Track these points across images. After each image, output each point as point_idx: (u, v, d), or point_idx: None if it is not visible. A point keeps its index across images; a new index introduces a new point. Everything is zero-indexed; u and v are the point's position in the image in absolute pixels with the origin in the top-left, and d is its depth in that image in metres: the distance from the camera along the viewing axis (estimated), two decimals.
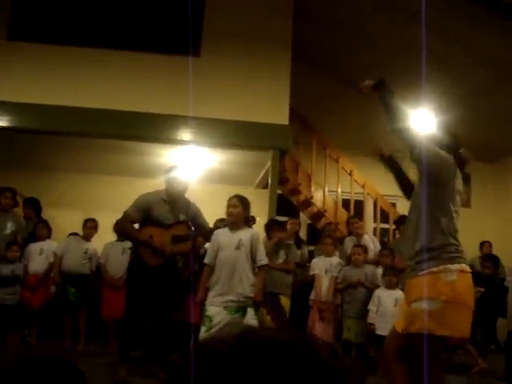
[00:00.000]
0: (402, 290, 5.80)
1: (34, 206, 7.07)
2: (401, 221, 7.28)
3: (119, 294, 5.84)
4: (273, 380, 0.57)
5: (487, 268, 6.30)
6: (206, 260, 4.68)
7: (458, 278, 3.13)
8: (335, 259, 6.30)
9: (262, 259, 4.62)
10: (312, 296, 6.17)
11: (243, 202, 4.67)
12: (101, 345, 6.36)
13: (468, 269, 3.24)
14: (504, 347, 6.11)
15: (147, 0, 7.53)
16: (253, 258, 4.58)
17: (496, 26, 7.12)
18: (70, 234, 6.94)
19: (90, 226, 6.63)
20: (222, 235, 4.67)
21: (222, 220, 6.20)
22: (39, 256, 6.47)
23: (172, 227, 5.04)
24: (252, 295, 4.50)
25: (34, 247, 6.50)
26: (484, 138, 9.33)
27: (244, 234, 4.59)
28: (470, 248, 6.70)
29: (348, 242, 7.01)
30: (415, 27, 6.31)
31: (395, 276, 5.72)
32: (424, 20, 5.86)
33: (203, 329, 4.41)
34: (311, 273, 6.27)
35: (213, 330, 4.31)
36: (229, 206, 4.66)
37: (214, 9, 7.41)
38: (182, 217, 5.14)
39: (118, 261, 6.19)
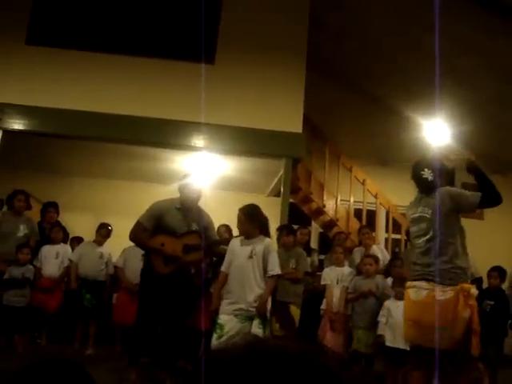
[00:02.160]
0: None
1: (55, 209, 7.11)
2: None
3: (134, 300, 5.87)
4: None
5: (493, 278, 6.26)
6: (222, 268, 4.70)
7: None
8: (346, 269, 6.27)
9: (274, 269, 4.58)
10: (323, 306, 6.14)
11: (247, 213, 4.65)
12: (108, 348, 6.38)
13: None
14: None
15: (163, 7, 7.58)
16: (265, 268, 4.56)
17: (511, 35, 7.08)
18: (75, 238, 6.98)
19: (103, 233, 6.67)
20: (237, 244, 4.67)
21: (224, 225, 6.21)
22: (55, 259, 6.50)
23: (183, 236, 5.05)
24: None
25: (50, 250, 6.54)
26: (498, 149, 9.27)
27: (257, 244, 4.58)
28: (483, 260, 6.64)
29: (356, 253, 6.98)
30: (429, 38, 6.30)
31: (404, 286, 5.68)
32: (438, 31, 5.85)
33: (214, 336, 4.41)
34: (322, 283, 6.24)
35: (224, 338, 4.30)
36: (237, 220, 4.67)
37: (230, 17, 7.44)
38: (194, 226, 5.13)
39: (136, 266, 6.18)
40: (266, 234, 4.77)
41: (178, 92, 7.22)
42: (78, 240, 7.18)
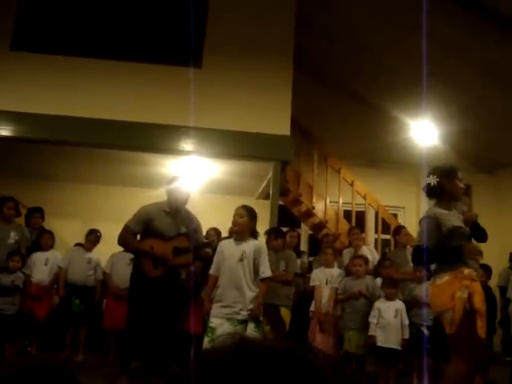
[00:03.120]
0: (404, 300, 5.81)
1: (41, 214, 7.07)
2: (397, 231, 7.29)
3: (122, 305, 5.85)
4: None
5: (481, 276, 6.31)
6: (211, 271, 4.66)
7: None
8: (336, 270, 6.29)
9: (265, 272, 4.56)
10: (312, 307, 6.15)
11: (250, 212, 4.63)
12: (101, 355, 6.35)
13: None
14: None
15: (150, 11, 7.58)
16: (256, 271, 4.55)
17: (497, 37, 7.15)
18: (76, 245, 6.95)
19: (92, 240, 6.66)
20: (227, 246, 4.64)
21: (214, 229, 6.21)
22: (44, 266, 6.47)
23: (173, 239, 5.04)
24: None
25: (39, 257, 6.50)
26: (486, 149, 9.35)
27: (248, 246, 4.55)
28: None
29: (345, 254, 7.01)
30: (416, 39, 6.35)
31: (394, 287, 5.71)
32: (425, 32, 5.90)
33: (206, 339, 4.39)
34: (311, 284, 6.25)
35: (215, 342, 4.28)
36: (235, 215, 4.62)
37: (216, 20, 7.45)
38: (183, 229, 5.13)
39: (124, 271, 6.18)
40: (255, 238, 4.78)
41: (166, 96, 7.21)
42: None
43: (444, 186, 4.02)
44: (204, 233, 5.46)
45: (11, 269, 6.09)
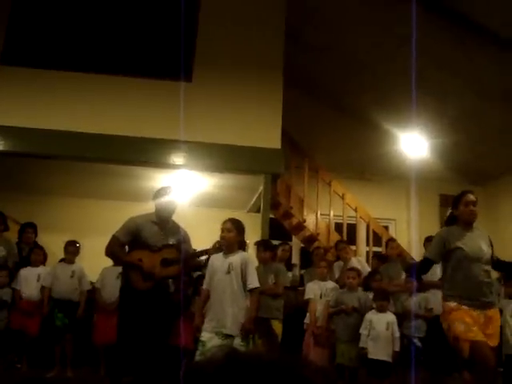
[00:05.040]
0: (396, 312, 5.81)
1: (34, 230, 7.01)
2: (387, 244, 7.34)
3: (111, 319, 5.79)
4: None
5: None
6: (204, 285, 4.68)
7: None
8: (330, 283, 6.28)
9: (252, 283, 4.55)
10: (307, 320, 6.14)
11: (237, 226, 4.63)
12: (91, 370, 6.28)
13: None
14: (503, 372, 6.07)
15: (140, 26, 7.60)
16: (244, 282, 4.54)
17: (486, 51, 7.23)
18: (61, 260, 6.89)
19: (72, 251, 6.59)
20: (216, 260, 4.65)
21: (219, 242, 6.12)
22: (36, 282, 6.40)
23: (161, 251, 5.02)
24: (242, 321, 4.45)
25: (31, 272, 6.43)
26: (475, 161, 9.41)
27: (235, 258, 4.55)
28: None
29: (335, 268, 7.01)
30: (406, 53, 6.41)
31: (385, 299, 5.71)
32: (414, 45, 5.95)
33: (197, 353, 4.37)
34: (306, 297, 6.23)
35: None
36: (223, 229, 4.62)
37: (206, 35, 7.49)
38: (171, 240, 5.11)
39: (113, 285, 6.12)
40: (243, 250, 4.79)
41: (156, 110, 7.21)
42: None
43: (454, 213, 4.40)
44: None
45: None
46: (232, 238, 4.58)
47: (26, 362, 6.29)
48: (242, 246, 4.76)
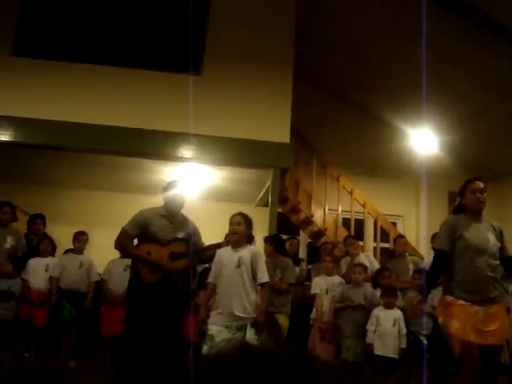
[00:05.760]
0: (403, 309, 5.79)
1: (43, 221, 7.05)
2: (395, 240, 7.34)
3: (118, 311, 5.82)
4: None
5: None
6: (210, 279, 4.67)
7: None
8: (337, 278, 6.28)
9: (262, 277, 4.57)
10: (313, 315, 6.14)
11: (246, 219, 4.65)
12: (97, 362, 6.32)
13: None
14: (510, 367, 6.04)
15: (151, 19, 7.60)
16: (254, 276, 4.55)
17: (497, 47, 7.18)
18: (66, 251, 6.92)
19: (81, 240, 6.62)
20: (224, 253, 4.65)
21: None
22: (44, 272, 6.44)
23: (170, 244, 5.03)
24: (254, 315, 4.46)
25: (39, 263, 6.47)
26: (484, 158, 9.36)
27: (245, 252, 4.56)
28: None
29: (343, 263, 7.00)
30: (417, 49, 6.37)
31: (393, 296, 5.70)
32: (425, 42, 5.91)
33: (205, 347, 4.38)
34: (312, 292, 6.23)
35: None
36: (232, 223, 4.62)
37: (216, 28, 7.48)
38: (180, 234, 5.12)
39: (120, 278, 6.16)
40: (251, 244, 4.80)
41: (166, 103, 7.22)
42: None
43: (461, 202, 4.16)
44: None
45: (8, 274, 6.09)
46: (242, 232, 4.58)
47: (33, 351, 6.34)
48: (251, 239, 4.77)
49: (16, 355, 6.20)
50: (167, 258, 4.97)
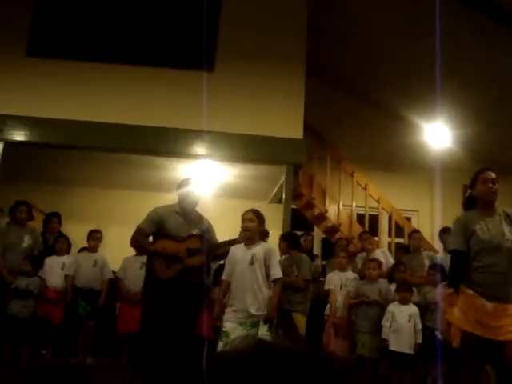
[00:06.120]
0: (418, 304, 5.77)
1: (58, 219, 7.11)
2: (410, 235, 7.32)
3: (135, 309, 5.85)
4: None
5: None
6: (224, 276, 4.69)
7: None
8: (351, 274, 6.26)
9: (275, 273, 4.58)
10: (327, 311, 6.13)
11: (259, 216, 4.65)
12: (114, 359, 6.36)
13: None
14: None
15: (163, 16, 7.62)
16: (267, 273, 4.55)
17: None
18: (81, 250, 6.96)
19: (96, 238, 6.66)
20: (238, 250, 4.66)
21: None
22: (61, 271, 6.49)
23: (185, 241, 5.05)
24: (265, 311, 4.47)
25: (56, 261, 6.52)
26: (500, 151, 9.26)
27: (258, 249, 4.57)
28: None
29: (358, 258, 6.98)
30: (430, 42, 6.32)
31: (409, 291, 5.67)
32: (439, 34, 5.86)
33: (220, 344, 4.39)
34: (326, 287, 6.22)
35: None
36: (244, 220, 4.63)
37: (228, 24, 7.47)
38: (195, 230, 5.14)
39: (136, 276, 6.18)
40: (264, 240, 4.79)
41: (179, 100, 7.24)
42: None
43: (472, 194, 3.94)
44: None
45: (27, 272, 6.16)
46: (254, 228, 4.59)
47: (50, 348, 6.40)
48: (264, 236, 4.77)
49: (34, 352, 6.26)
50: (184, 254, 5.00)
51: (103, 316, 6.48)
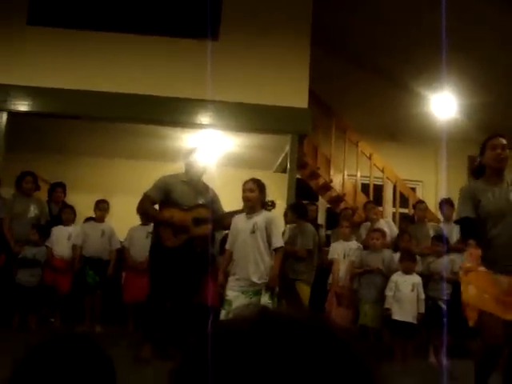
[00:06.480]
0: (422, 274, 5.80)
1: (63, 189, 7.15)
2: (415, 205, 7.31)
3: (141, 278, 5.91)
4: (296, 356, 0.58)
5: None
6: (227, 245, 4.75)
7: None
8: (354, 243, 6.29)
9: (276, 242, 4.61)
10: (330, 280, 6.18)
11: (259, 185, 4.67)
12: (121, 327, 6.45)
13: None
14: None
15: None
16: (269, 242, 4.58)
17: None
18: (87, 219, 7.00)
19: (102, 208, 6.69)
20: (239, 220, 4.69)
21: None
22: (67, 241, 6.55)
23: (192, 210, 5.08)
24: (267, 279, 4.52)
25: (61, 231, 6.58)
26: (506, 122, 9.19)
27: (259, 218, 4.60)
28: None
29: (362, 228, 7.00)
30: (437, 10, 6.21)
31: (412, 261, 5.70)
32: (446, 4, 5.76)
33: (223, 312, 4.45)
34: (329, 257, 6.26)
35: (232, 314, 4.32)
36: (245, 190, 4.66)
37: None
38: (201, 200, 5.16)
39: (142, 245, 6.23)
40: (265, 209, 4.81)
41: (183, 69, 7.18)
42: None
43: (481, 162, 3.77)
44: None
45: (33, 241, 6.22)
46: (255, 198, 4.61)
47: (59, 316, 6.50)
48: (264, 205, 4.78)
49: (42, 320, 6.36)
50: (191, 223, 5.03)
51: (110, 285, 6.55)
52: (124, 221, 6.58)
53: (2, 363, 1.27)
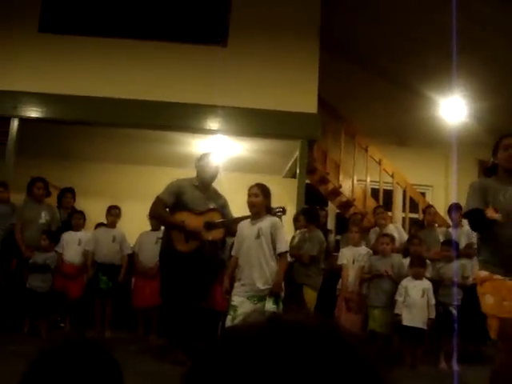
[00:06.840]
0: (432, 279, 5.77)
1: (73, 195, 7.18)
2: (424, 210, 7.28)
3: (150, 284, 5.91)
4: (305, 362, 0.58)
5: None
6: (232, 252, 4.75)
7: None
8: (363, 249, 6.27)
9: (281, 247, 4.60)
10: (339, 286, 6.16)
11: (264, 190, 4.66)
12: (131, 332, 6.46)
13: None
14: None
15: None
16: (274, 247, 4.58)
17: None
18: (98, 225, 7.03)
19: (114, 214, 6.71)
20: (244, 226, 4.69)
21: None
22: (78, 246, 6.57)
23: (204, 214, 5.09)
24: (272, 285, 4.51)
25: (72, 237, 6.60)
26: None
27: (264, 223, 4.59)
28: None
29: (372, 234, 6.98)
30: (447, 13, 6.20)
31: (422, 266, 5.67)
32: (456, 5, 5.75)
33: (229, 318, 4.44)
34: (339, 262, 6.24)
35: (237, 320, 4.33)
36: (250, 195, 4.65)
37: None
38: (212, 204, 5.18)
39: (151, 250, 6.24)
40: (271, 214, 4.80)
41: (192, 75, 7.21)
42: None
43: (494, 162, 3.70)
44: None
45: (43, 247, 6.25)
46: (260, 203, 4.60)
47: (69, 321, 6.52)
48: (269, 210, 4.77)
49: (52, 325, 6.38)
50: (202, 228, 5.03)
51: (120, 290, 6.57)
52: (132, 226, 6.60)
53: (13, 368, 1.28)
